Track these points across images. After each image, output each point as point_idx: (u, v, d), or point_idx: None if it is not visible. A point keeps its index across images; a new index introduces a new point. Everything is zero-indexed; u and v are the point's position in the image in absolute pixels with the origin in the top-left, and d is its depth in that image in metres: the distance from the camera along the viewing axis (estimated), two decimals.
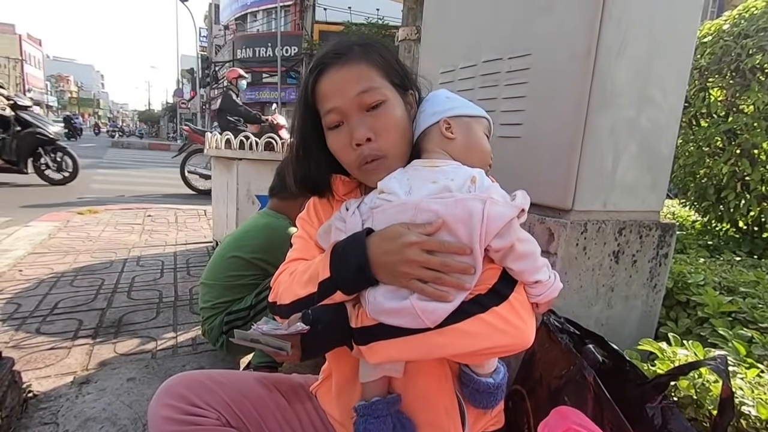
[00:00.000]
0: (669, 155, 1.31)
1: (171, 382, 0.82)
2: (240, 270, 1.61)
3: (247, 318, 1.54)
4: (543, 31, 1.18)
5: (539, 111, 1.20)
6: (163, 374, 1.63)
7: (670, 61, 1.22)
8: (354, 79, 0.73)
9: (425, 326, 0.62)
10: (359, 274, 0.65)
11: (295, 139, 0.83)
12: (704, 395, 0.80)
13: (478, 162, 0.77)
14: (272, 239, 1.62)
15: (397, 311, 0.63)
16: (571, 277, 1.17)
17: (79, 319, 2.05)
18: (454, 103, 0.80)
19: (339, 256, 0.68)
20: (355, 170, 0.77)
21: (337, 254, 0.68)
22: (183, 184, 6.46)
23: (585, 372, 0.81)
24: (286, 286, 0.75)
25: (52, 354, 1.72)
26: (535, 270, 0.67)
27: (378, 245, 0.65)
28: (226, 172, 3.02)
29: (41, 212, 4.26)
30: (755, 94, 2.08)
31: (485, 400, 0.77)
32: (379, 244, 0.65)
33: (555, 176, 1.16)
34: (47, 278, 2.55)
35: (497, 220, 0.63)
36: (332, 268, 0.68)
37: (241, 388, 0.86)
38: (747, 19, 2.20)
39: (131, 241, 3.53)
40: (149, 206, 5.06)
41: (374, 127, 0.73)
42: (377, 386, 0.76)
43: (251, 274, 1.61)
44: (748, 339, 1.12)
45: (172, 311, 2.21)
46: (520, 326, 0.65)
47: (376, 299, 0.65)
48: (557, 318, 1.00)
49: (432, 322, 0.62)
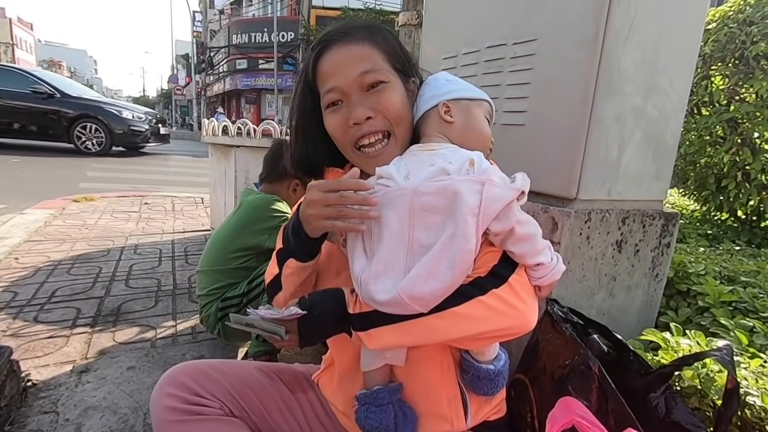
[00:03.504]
0: (674, 144, 1.30)
1: (173, 372, 0.82)
2: (229, 250, 1.61)
3: (240, 305, 1.54)
4: (549, 16, 1.15)
5: (544, 98, 1.17)
6: (163, 363, 1.62)
7: (678, 48, 1.20)
8: (357, 59, 0.72)
9: (417, 312, 0.62)
10: (296, 234, 0.70)
11: (294, 119, 0.81)
12: (709, 385, 0.80)
13: (478, 146, 0.75)
14: (253, 211, 1.63)
15: (387, 303, 0.62)
16: (574, 266, 1.17)
17: (77, 307, 2.04)
18: (454, 86, 0.78)
19: (288, 227, 0.73)
20: (351, 153, 0.76)
21: (287, 226, 0.74)
22: (185, 172, 6.53)
23: (590, 362, 0.81)
24: (268, 268, 0.80)
25: (51, 342, 1.72)
26: (536, 252, 0.66)
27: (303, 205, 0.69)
28: (223, 159, 2.98)
29: (37, 199, 4.21)
30: (759, 83, 2.06)
31: (486, 386, 0.77)
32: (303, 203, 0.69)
33: (559, 165, 1.14)
34: (44, 266, 2.54)
35: (496, 202, 0.62)
36: (282, 239, 0.75)
37: (244, 378, 0.86)
38: (752, 6, 2.17)
39: (128, 228, 3.51)
40: (146, 194, 5.02)
41: (375, 106, 0.72)
42: (379, 375, 0.75)
43: (241, 254, 1.61)
44: (750, 329, 1.12)
45: (170, 300, 2.21)
46: (521, 308, 0.64)
47: (368, 286, 0.64)
48: (561, 308, 1.00)
49: (423, 306, 0.61)
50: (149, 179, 6.37)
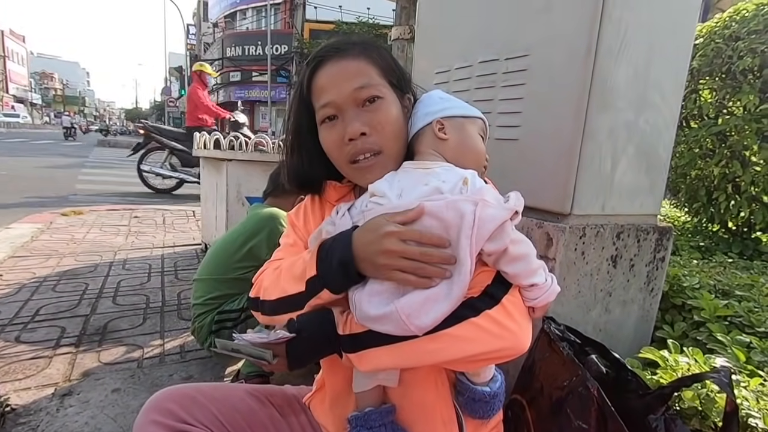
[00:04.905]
0: (666, 158, 1.30)
1: (158, 397, 0.79)
2: (231, 260, 1.59)
3: (238, 320, 1.51)
4: (541, 31, 1.16)
5: (537, 113, 1.17)
6: (150, 384, 1.57)
7: (669, 63, 1.21)
8: (352, 74, 0.71)
9: (412, 333, 0.60)
10: (343, 269, 0.63)
11: (289, 133, 0.80)
12: (710, 406, 0.78)
13: (472, 164, 0.74)
14: (260, 222, 1.61)
15: (382, 317, 0.61)
16: (570, 282, 1.15)
17: (61, 326, 1.98)
18: (448, 104, 0.78)
19: (326, 253, 0.66)
20: (346, 168, 0.74)
21: (324, 251, 0.66)
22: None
23: (588, 384, 0.79)
24: (272, 280, 0.73)
25: (33, 364, 1.66)
26: (530, 273, 0.65)
27: (360, 237, 0.63)
28: (215, 172, 2.96)
29: (23, 213, 4.14)
30: (746, 96, 2.09)
31: (482, 409, 0.75)
32: (361, 236, 0.63)
33: (553, 179, 1.14)
34: (29, 283, 2.47)
35: (489, 222, 0.61)
36: (318, 266, 0.66)
37: (233, 402, 0.83)
38: (738, 22, 2.22)
39: (117, 243, 3.45)
40: (136, 207, 4.96)
41: (370, 121, 0.71)
42: (371, 396, 0.73)
43: (243, 265, 1.58)
44: (747, 344, 1.11)
45: (159, 317, 2.15)
46: (515, 330, 0.62)
47: (361, 304, 0.63)
48: (557, 326, 0.98)
49: (419, 329, 0.59)
50: (140, 191, 6.31)
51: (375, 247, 0.61)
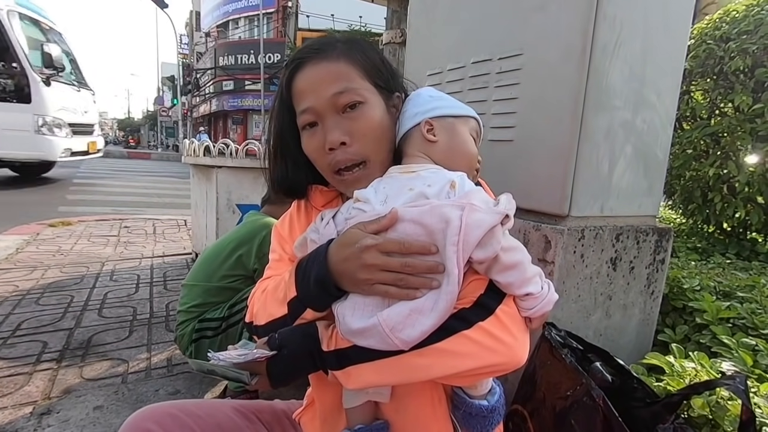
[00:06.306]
0: (664, 158, 1.27)
1: (137, 417, 0.73)
2: (221, 266, 1.54)
3: (218, 330, 1.45)
4: (535, 30, 1.13)
5: (532, 113, 1.14)
6: (134, 401, 1.50)
7: (664, 62, 1.19)
8: (331, 79, 0.67)
9: (397, 348, 0.55)
10: (321, 287, 0.60)
11: (272, 138, 0.76)
12: (721, 415, 0.74)
13: (463, 166, 0.70)
14: (252, 231, 1.57)
15: (364, 331, 0.56)
16: (569, 286, 1.12)
17: (43, 340, 1.90)
18: (438, 103, 0.74)
19: (303, 272, 0.63)
20: (330, 177, 0.71)
21: (300, 270, 0.64)
22: (169, 194, 6.24)
23: (593, 393, 0.75)
24: (261, 305, 0.70)
25: (11, 381, 1.58)
26: (524, 282, 0.60)
27: (336, 253, 0.60)
28: (205, 180, 2.90)
29: (10, 225, 4.04)
30: (738, 97, 2.08)
31: (479, 424, 0.70)
32: (337, 251, 0.60)
33: (550, 181, 1.10)
34: (11, 296, 2.39)
35: (477, 228, 0.56)
36: (297, 286, 0.63)
37: (218, 420, 0.78)
38: (728, 23, 2.22)
39: (105, 254, 3.36)
40: (126, 217, 4.87)
41: (350, 130, 0.67)
42: (362, 412, 0.69)
43: (229, 273, 1.53)
44: (752, 347, 1.08)
45: (146, 329, 2.08)
46: (510, 343, 0.58)
47: (344, 318, 0.58)
48: (558, 332, 0.94)
49: (404, 343, 0.55)
50: (132, 201, 6.22)
51: (353, 263, 0.57)
